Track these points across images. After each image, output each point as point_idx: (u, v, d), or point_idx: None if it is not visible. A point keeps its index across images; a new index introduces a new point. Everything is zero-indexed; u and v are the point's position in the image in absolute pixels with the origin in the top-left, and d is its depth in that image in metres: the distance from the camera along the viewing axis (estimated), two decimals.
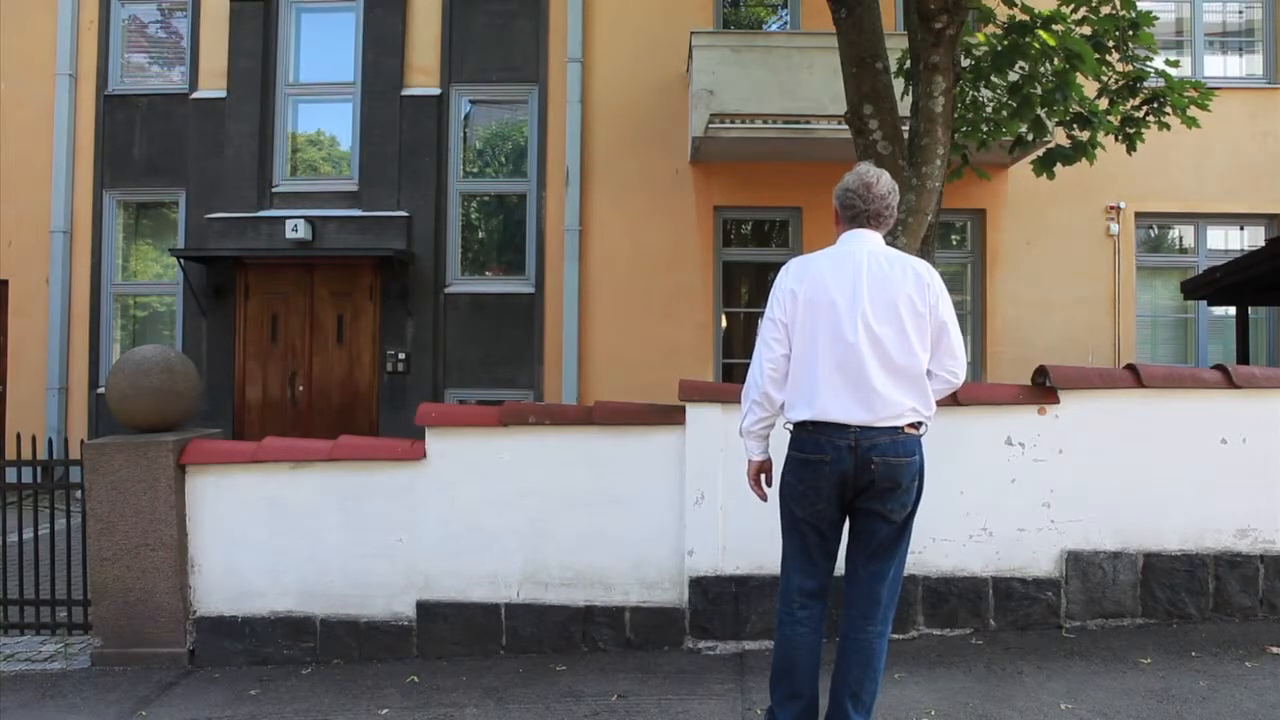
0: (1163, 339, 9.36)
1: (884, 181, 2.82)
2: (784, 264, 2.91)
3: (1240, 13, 9.42)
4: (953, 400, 3.81)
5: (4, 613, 4.44)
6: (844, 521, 2.80)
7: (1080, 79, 5.32)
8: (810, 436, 2.74)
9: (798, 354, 2.77)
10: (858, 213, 2.80)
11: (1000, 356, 8.78)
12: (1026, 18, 5.08)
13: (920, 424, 2.73)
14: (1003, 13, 5.39)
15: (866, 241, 2.78)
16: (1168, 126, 5.75)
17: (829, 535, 2.80)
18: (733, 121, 7.81)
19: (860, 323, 2.66)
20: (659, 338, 8.82)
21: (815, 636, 2.80)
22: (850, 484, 2.69)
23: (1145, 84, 5.71)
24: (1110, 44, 5.50)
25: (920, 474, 2.74)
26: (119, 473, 4.04)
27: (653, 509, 3.98)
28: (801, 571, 2.84)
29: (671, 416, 3.96)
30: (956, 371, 2.76)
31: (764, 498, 3.01)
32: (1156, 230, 9.48)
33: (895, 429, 2.67)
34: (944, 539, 3.90)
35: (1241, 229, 9.31)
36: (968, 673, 3.47)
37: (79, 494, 4.29)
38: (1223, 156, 8.91)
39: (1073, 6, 5.37)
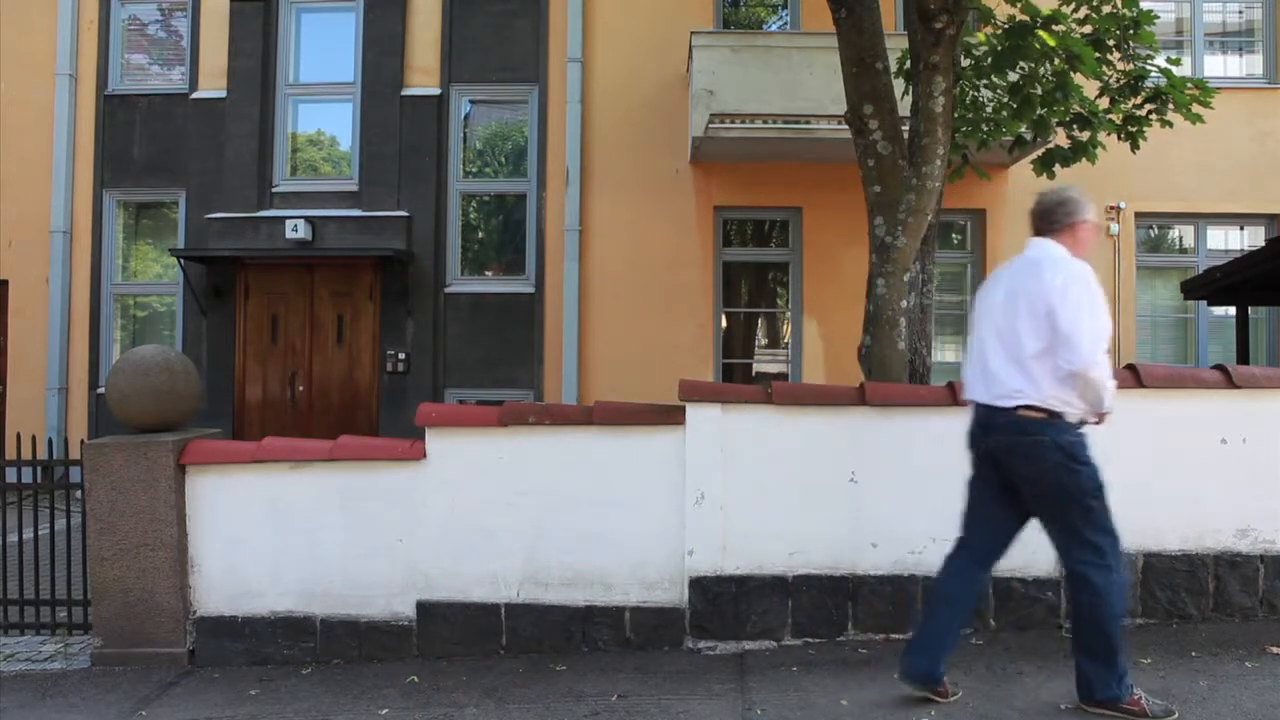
0: (1163, 339, 9.36)
1: (1056, 193, 3.24)
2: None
3: (1240, 13, 9.42)
4: (951, 399, 3.83)
5: (4, 613, 4.44)
6: (996, 494, 3.16)
7: (1080, 79, 5.32)
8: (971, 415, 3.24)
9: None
10: (1037, 220, 3.25)
11: None
12: (1027, 18, 5.07)
13: (1039, 408, 2.98)
14: (1003, 13, 5.38)
15: (1032, 247, 3.20)
16: (1170, 124, 5.75)
17: (985, 498, 3.20)
18: (733, 121, 7.81)
19: (990, 315, 3.15)
20: (659, 338, 8.81)
21: (954, 584, 3.23)
22: (989, 456, 3.12)
23: (1147, 82, 5.71)
24: (1111, 43, 5.50)
25: (1051, 453, 2.97)
26: (119, 473, 4.04)
27: (653, 509, 3.97)
28: (962, 520, 3.28)
29: (671, 416, 3.96)
30: (1069, 357, 2.94)
31: None
32: (1156, 230, 9.48)
33: (1006, 409, 3.04)
34: (943, 539, 3.84)
35: (1241, 229, 9.31)
36: (968, 673, 3.47)
37: (79, 494, 4.29)
38: (1223, 156, 8.90)
39: (1073, 6, 5.37)
